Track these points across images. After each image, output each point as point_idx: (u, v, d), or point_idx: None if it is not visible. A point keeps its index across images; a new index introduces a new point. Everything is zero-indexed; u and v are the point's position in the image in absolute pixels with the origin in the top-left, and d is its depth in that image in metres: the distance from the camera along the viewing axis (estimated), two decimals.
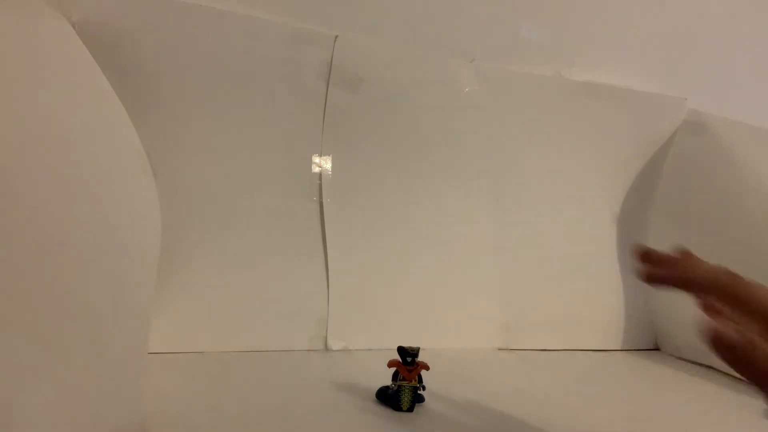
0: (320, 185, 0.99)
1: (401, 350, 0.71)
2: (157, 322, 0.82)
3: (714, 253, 1.06)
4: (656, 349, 1.17)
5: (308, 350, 0.93)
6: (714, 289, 0.45)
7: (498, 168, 1.11)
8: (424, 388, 0.72)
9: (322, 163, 1.00)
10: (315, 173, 1.00)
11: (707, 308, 0.44)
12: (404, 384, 0.70)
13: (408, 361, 0.71)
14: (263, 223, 0.95)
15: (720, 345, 0.39)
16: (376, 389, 0.73)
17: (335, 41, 1.00)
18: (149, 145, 0.79)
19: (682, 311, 1.12)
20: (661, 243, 1.17)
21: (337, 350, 0.94)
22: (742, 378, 0.40)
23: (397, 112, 1.05)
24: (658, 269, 0.49)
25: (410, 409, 0.71)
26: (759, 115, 1.34)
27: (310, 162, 0.99)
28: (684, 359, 1.10)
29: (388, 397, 0.71)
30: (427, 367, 0.71)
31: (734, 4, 1.43)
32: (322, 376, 0.82)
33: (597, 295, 1.15)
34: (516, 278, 1.09)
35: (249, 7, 0.99)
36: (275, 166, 0.97)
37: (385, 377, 0.72)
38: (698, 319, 0.42)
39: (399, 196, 1.04)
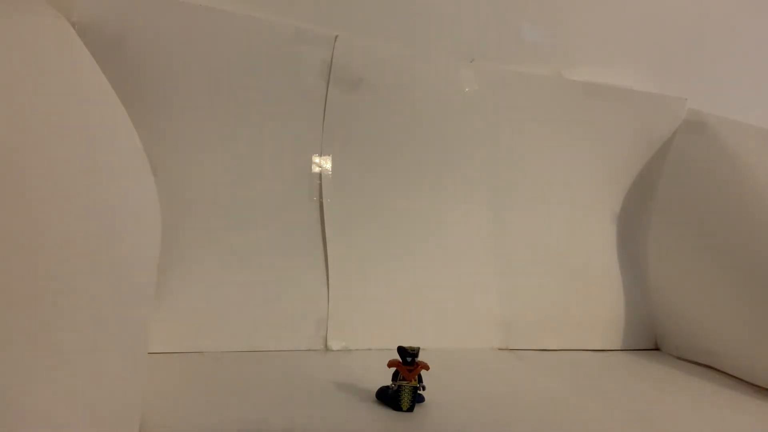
0: (320, 185, 0.99)
1: (401, 350, 0.71)
2: (157, 322, 0.82)
3: (714, 252, 1.07)
4: (656, 349, 1.17)
5: (308, 350, 0.93)
6: None
7: (498, 168, 1.11)
8: (424, 388, 0.72)
9: (322, 163, 1.00)
10: (315, 173, 1.00)
11: None
12: (404, 384, 0.70)
13: (408, 361, 0.71)
14: (263, 223, 0.96)
15: None
16: (376, 389, 0.73)
17: (335, 41, 1.00)
18: (149, 145, 0.79)
19: (682, 311, 1.12)
20: (661, 243, 1.18)
21: (337, 350, 0.94)
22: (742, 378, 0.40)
23: (397, 112, 1.04)
24: None
25: (410, 409, 0.71)
26: (759, 115, 1.34)
27: (310, 162, 0.99)
28: (684, 359, 1.10)
29: (388, 397, 0.71)
30: (427, 367, 0.71)
31: (734, 4, 1.43)
32: (322, 376, 0.82)
33: (597, 295, 1.15)
34: (516, 278, 1.09)
35: (249, 7, 0.99)
36: (275, 166, 0.97)
37: (385, 377, 0.72)
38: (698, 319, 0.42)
39: (399, 196, 1.04)
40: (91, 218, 0.51)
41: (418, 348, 0.72)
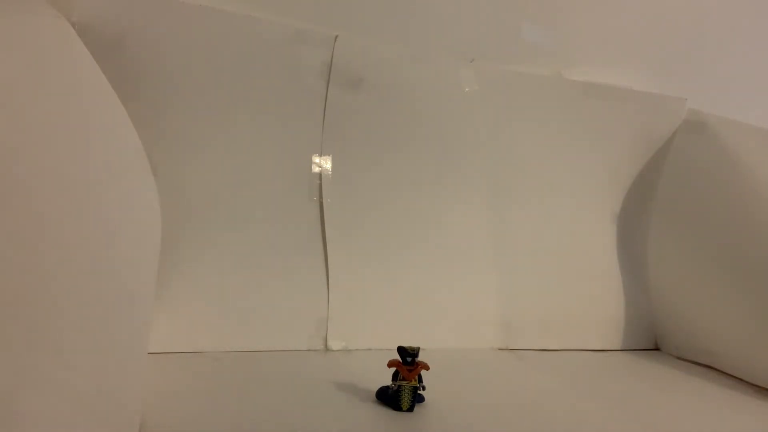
0: (320, 185, 0.99)
1: (401, 350, 0.71)
2: (157, 322, 0.82)
3: (713, 252, 1.07)
4: (656, 349, 1.17)
5: (308, 350, 0.93)
6: None
7: (498, 168, 1.11)
8: (424, 388, 0.72)
9: (322, 163, 1.00)
10: (315, 173, 1.00)
11: None
12: (404, 384, 0.70)
13: (408, 361, 0.71)
14: (263, 223, 0.95)
15: None
16: (376, 389, 0.73)
17: (335, 41, 1.00)
18: (149, 145, 0.79)
19: (682, 311, 1.12)
20: (661, 243, 1.18)
21: (337, 350, 0.94)
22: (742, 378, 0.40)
23: (397, 112, 1.04)
24: None
25: (410, 409, 0.71)
26: (759, 115, 1.34)
27: (310, 162, 0.99)
28: (684, 359, 1.10)
29: (388, 397, 0.71)
30: (427, 367, 0.71)
31: (734, 4, 1.43)
32: (322, 376, 0.82)
33: (597, 295, 1.15)
34: (516, 278, 1.09)
35: (249, 7, 0.99)
36: (275, 166, 0.97)
37: (385, 377, 0.72)
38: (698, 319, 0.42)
39: (399, 196, 1.04)
40: (91, 218, 0.51)
41: (418, 348, 0.72)
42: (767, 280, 0.97)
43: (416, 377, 0.71)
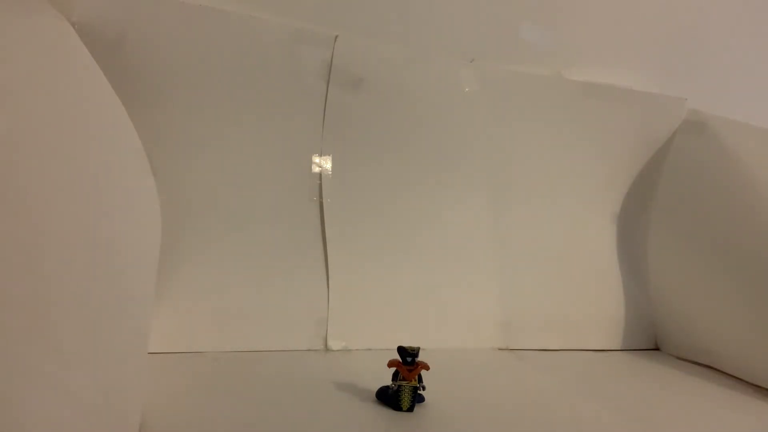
0: (320, 185, 0.99)
1: (401, 350, 0.71)
2: (157, 322, 0.82)
3: (714, 252, 1.07)
4: (656, 349, 1.17)
5: (308, 350, 0.93)
6: None
7: (498, 168, 1.11)
8: (424, 388, 0.72)
9: (322, 163, 1.00)
10: (315, 173, 1.00)
11: None
12: (404, 384, 0.70)
13: (408, 361, 0.71)
14: (263, 223, 0.96)
15: None
16: (376, 389, 0.73)
17: (335, 41, 1.00)
18: (149, 145, 0.79)
19: (682, 311, 1.12)
20: (661, 243, 1.18)
21: (337, 350, 0.94)
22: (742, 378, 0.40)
23: (397, 112, 1.05)
24: None
25: (410, 409, 0.71)
26: (759, 115, 1.34)
27: (310, 162, 1.00)
28: (684, 359, 1.10)
29: (388, 397, 0.71)
30: (427, 367, 0.72)
31: (734, 4, 1.43)
32: (322, 376, 0.82)
33: (597, 295, 1.15)
34: (516, 278, 1.09)
35: (249, 7, 0.99)
36: (275, 166, 0.97)
37: (385, 377, 0.72)
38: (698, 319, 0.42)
39: (399, 196, 1.04)
40: (91, 218, 0.51)
41: (418, 348, 0.72)
42: (767, 280, 0.97)
43: (416, 377, 0.71)
